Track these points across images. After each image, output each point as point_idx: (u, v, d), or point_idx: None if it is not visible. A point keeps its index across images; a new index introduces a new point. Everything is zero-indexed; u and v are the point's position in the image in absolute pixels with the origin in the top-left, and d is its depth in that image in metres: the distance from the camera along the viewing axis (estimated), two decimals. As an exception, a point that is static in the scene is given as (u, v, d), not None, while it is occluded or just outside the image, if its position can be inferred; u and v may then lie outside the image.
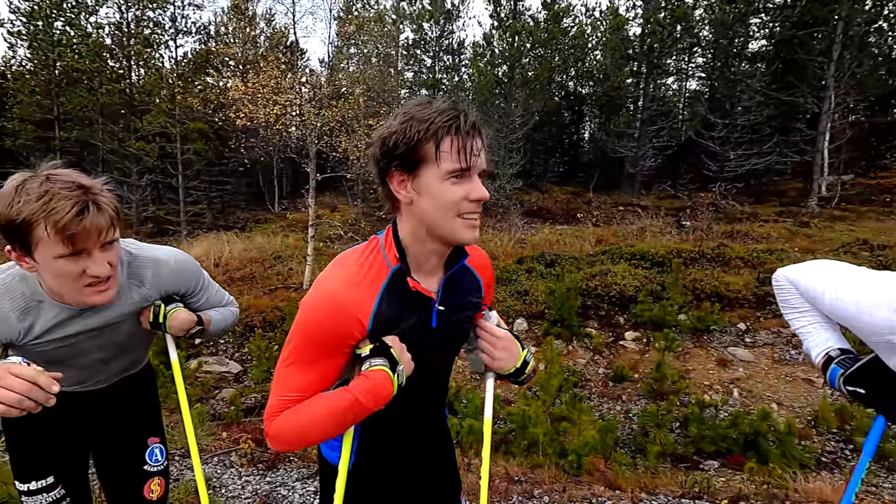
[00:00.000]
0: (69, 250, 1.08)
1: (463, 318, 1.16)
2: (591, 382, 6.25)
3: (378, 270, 1.03)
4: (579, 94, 23.93)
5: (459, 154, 0.94)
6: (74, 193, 1.07)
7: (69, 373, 1.44)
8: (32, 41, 18.42)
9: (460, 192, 0.96)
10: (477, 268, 1.20)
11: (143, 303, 1.37)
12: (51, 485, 1.53)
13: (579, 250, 9.76)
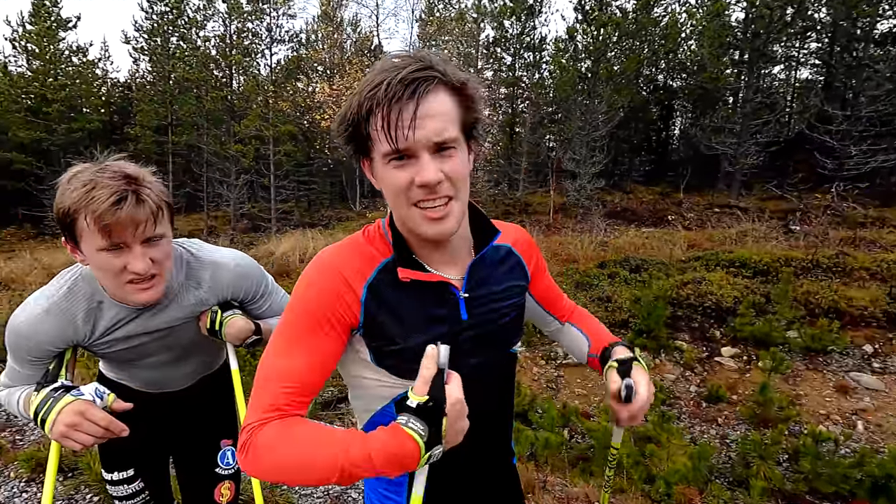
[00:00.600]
0: (108, 243, 1.05)
1: (505, 308, 0.99)
2: (682, 401, 5.71)
3: (370, 258, 0.90)
4: (670, 88, 22.41)
5: (388, 131, 0.76)
6: (117, 183, 1.04)
7: (139, 373, 1.46)
8: (152, 55, 20.59)
9: (404, 177, 0.79)
10: (516, 244, 1.05)
11: (201, 306, 1.34)
12: (131, 477, 1.58)
13: (668, 255, 9.04)
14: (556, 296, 1.19)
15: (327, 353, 0.86)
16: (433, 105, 0.77)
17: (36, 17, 20.80)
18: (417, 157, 0.78)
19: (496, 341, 0.98)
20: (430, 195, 0.79)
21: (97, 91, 23.58)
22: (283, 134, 17.15)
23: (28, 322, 1.15)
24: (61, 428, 1.04)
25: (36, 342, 1.16)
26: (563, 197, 15.99)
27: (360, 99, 0.78)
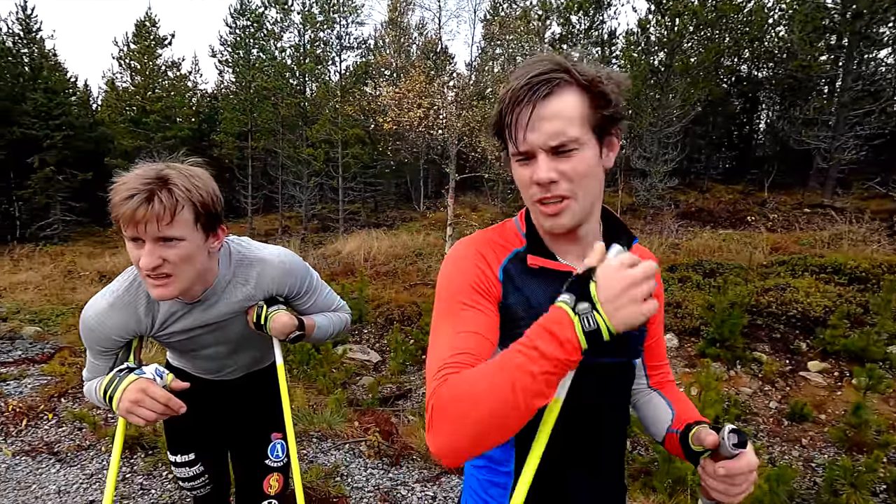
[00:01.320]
0: (127, 234, 1.12)
1: None
2: (760, 418, 5.26)
3: (503, 247, 0.95)
4: (754, 79, 20.76)
5: (510, 133, 0.84)
6: (138, 182, 1.09)
7: (198, 362, 1.55)
8: (235, 66, 22.12)
9: (526, 175, 0.85)
10: None
11: (247, 302, 1.39)
12: (192, 460, 1.68)
13: (748, 259, 8.36)
14: (660, 351, 1.12)
15: (484, 320, 0.84)
16: (552, 107, 0.80)
17: (138, 36, 23.04)
18: (535, 158, 0.83)
19: (621, 347, 0.96)
20: (545, 193, 0.83)
21: (188, 102, 25.70)
22: (350, 137, 17.80)
23: (96, 316, 1.26)
24: (126, 404, 1.13)
25: (103, 334, 1.27)
26: (633, 197, 15.29)
27: (498, 101, 0.86)
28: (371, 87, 19.76)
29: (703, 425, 0.91)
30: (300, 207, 19.61)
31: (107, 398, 1.18)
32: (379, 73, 22.97)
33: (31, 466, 3.17)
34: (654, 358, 1.11)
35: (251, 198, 21.22)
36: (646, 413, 1.10)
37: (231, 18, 21.71)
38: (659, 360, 1.12)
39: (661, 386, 1.12)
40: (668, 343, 6.44)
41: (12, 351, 5.99)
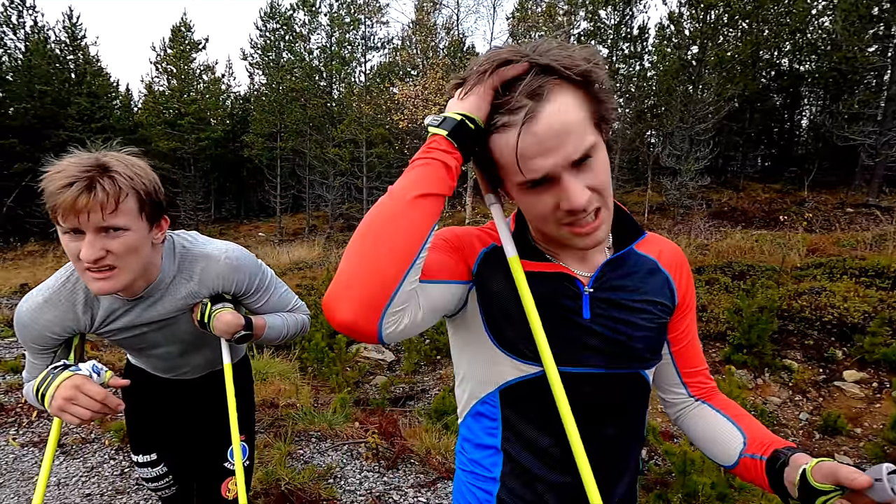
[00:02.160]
0: (64, 226, 1.05)
1: (640, 322, 0.85)
2: (788, 429, 4.94)
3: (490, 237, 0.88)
4: (795, 72, 19.79)
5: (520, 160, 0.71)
6: (77, 170, 1.03)
7: (152, 361, 1.50)
8: (265, 69, 22.62)
9: (549, 203, 0.76)
10: (664, 261, 0.91)
11: (192, 299, 1.32)
12: (154, 461, 1.64)
13: (781, 261, 7.92)
14: (695, 354, 0.97)
15: (444, 259, 0.81)
16: (559, 116, 0.68)
17: (174, 41, 23.85)
18: (558, 178, 0.70)
19: (623, 353, 0.84)
20: (579, 217, 0.73)
21: (222, 104, 26.46)
22: (374, 137, 17.92)
23: (28, 312, 1.20)
24: (59, 402, 1.06)
25: (37, 331, 1.21)
26: (662, 196, 14.80)
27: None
28: (399, 87, 19.92)
29: (822, 459, 0.72)
30: (327, 207, 19.88)
31: (40, 396, 1.13)
32: (405, 72, 23.08)
33: (36, 458, 3.24)
34: (688, 363, 0.97)
35: (279, 197, 21.63)
36: (699, 432, 0.95)
37: (261, 21, 22.20)
38: (695, 366, 0.97)
39: (709, 396, 0.97)
40: (691, 348, 6.16)
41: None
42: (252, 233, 22.49)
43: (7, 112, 21.95)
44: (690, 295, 0.93)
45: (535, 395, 0.83)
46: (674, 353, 0.95)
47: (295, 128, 21.23)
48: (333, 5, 21.02)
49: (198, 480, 1.65)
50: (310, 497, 2.82)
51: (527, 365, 0.82)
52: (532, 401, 0.84)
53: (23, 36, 22.87)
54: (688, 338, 0.95)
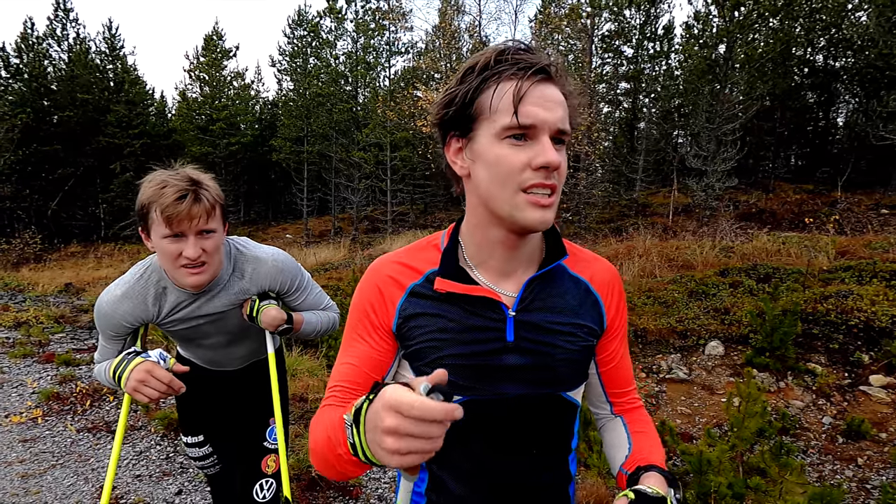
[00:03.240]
0: (170, 231, 1.27)
1: (565, 344, 0.85)
2: (811, 433, 4.91)
3: (425, 261, 0.88)
4: (830, 70, 19.20)
5: (517, 103, 0.72)
6: (182, 184, 1.27)
7: (200, 351, 1.71)
8: (292, 74, 23.18)
9: (521, 158, 0.74)
10: (596, 283, 0.91)
11: (243, 295, 1.53)
12: (201, 442, 1.85)
13: (809, 264, 7.80)
14: (622, 376, 0.99)
15: (370, 353, 0.85)
16: (555, 91, 0.75)
17: (206, 49, 24.69)
18: (537, 139, 0.74)
19: (545, 378, 0.85)
20: (545, 180, 0.74)
21: (252, 109, 27.25)
22: (398, 140, 18.22)
23: (109, 304, 1.41)
24: (133, 383, 1.27)
25: (115, 320, 1.42)
26: (688, 197, 14.61)
27: (480, 68, 0.75)
28: (423, 91, 20.16)
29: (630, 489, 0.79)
30: (352, 209, 20.27)
31: (116, 377, 1.33)
32: (429, 76, 23.35)
33: (90, 442, 3.54)
34: (615, 384, 0.98)
35: (306, 200, 22.15)
36: (606, 440, 1.01)
37: (289, 29, 22.78)
38: (622, 387, 0.99)
39: (626, 412, 1.00)
40: (712, 351, 6.15)
41: (89, 339, 6.64)
42: (279, 234, 23.08)
43: (52, 120, 23.11)
44: (621, 317, 0.94)
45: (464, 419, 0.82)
46: (601, 374, 0.96)
47: (321, 132, 21.71)
48: (359, 12, 21.46)
49: (240, 458, 1.85)
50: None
51: None
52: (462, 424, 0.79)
53: (66, 47, 24.04)
54: (616, 359, 0.95)
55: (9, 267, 15.67)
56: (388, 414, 0.53)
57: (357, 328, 0.87)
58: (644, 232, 10.93)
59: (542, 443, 0.89)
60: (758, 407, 4.60)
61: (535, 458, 0.89)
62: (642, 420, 0.99)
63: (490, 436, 0.85)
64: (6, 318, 7.43)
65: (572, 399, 0.90)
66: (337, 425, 0.71)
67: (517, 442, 0.87)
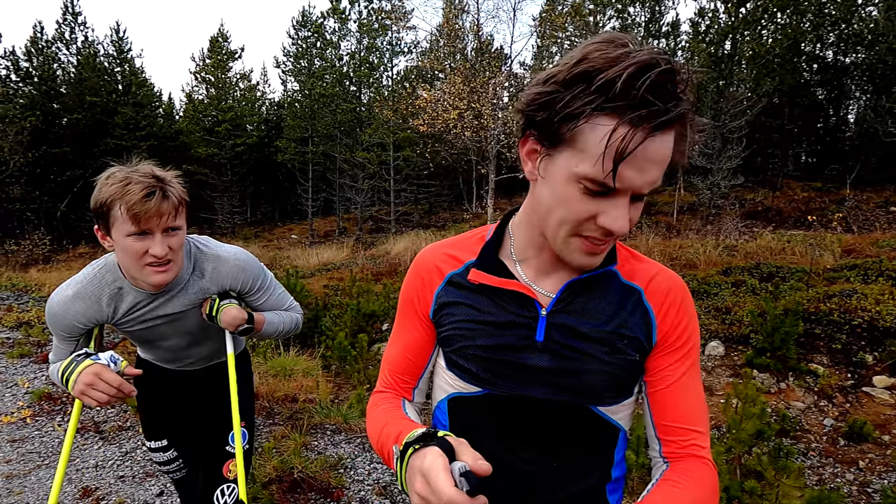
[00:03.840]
0: (136, 229, 1.24)
1: (600, 354, 0.78)
2: (812, 435, 4.80)
3: (468, 251, 0.88)
4: (840, 66, 18.90)
5: (614, 157, 0.61)
6: (148, 180, 1.24)
7: (158, 353, 1.67)
8: (297, 75, 23.26)
9: (589, 209, 0.67)
10: (650, 292, 0.81)
11: (202, 295, 1.49)
12: (165, 446, 1.80)
13: (813, 262, 7.66)
14: (678, 406, 0.79)
15: (413, 338, 0.92)
16: (663, 147, 0.63)
17: (212, 51, 24.85)
18: (615, 197, 0.65)
19: (572, 386, 0.78)
20: (604, 236, 0.69)
21: (257, 110, 27.40)
22: (401, 140, 18.21)
23: (59, 304, 1.37)
24: (80, 386, 1.23)
25: (67, 321, 1.38)
26: (694, 196, 14.46)
27: (598, 87, 0.60)
28: (427, 90, 20.18)
29: None
30: (356, 209, 20.30)
31: (63, 380, 1.29)
32: (433, 76, 23.32)
33: (78, 442, 3.54)
34: (667, 415, 0.80)
35: (311, 200, 22.22)
36: None
37: (293, 30, 22.87)
38: (677, 421, 0.79)
39: (678, 459, 0.78)
40: (712, 351, 6.04)
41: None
42: (285, 235, 23.18)
43: (61, 122, 23.40)
44: (681, 334, 0.80)
45: (478, 412, 0.85)
46: (649, 398, 0.82)
47: (325, 132, 21.77)
48: (363, 12, 21.49)
49: (203, 462, 1.82)
50: (320, 484, 2.99)
51: (469, 385, 0.85)
52: (475, 417, 0.85)
53: (75, 51, 24.33)
54: (668, 382, 0.79)
55: (17, 268, 15.87)
56: (420, 482, 0.60)
57: (403, 314, 0.93)
58: (647, 231, 10.81)
59: (564, 456, 0.82)
60: (756, 408, 4.51)
61: (554, 470, 0.82)
62: (690, 472, 0.75)
63: (506, 435, 0.82)
64: (9, 319, 7.50)
65: (608, 418, 0.81)
66: (389, 436, 0.78)
67: (533, 447, 0.82)
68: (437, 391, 0.93)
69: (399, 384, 0.94)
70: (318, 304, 8.64)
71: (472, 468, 0.59)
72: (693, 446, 0.78)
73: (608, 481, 0.85)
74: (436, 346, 0.92)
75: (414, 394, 0.95)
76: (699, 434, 0.78)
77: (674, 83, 0.60)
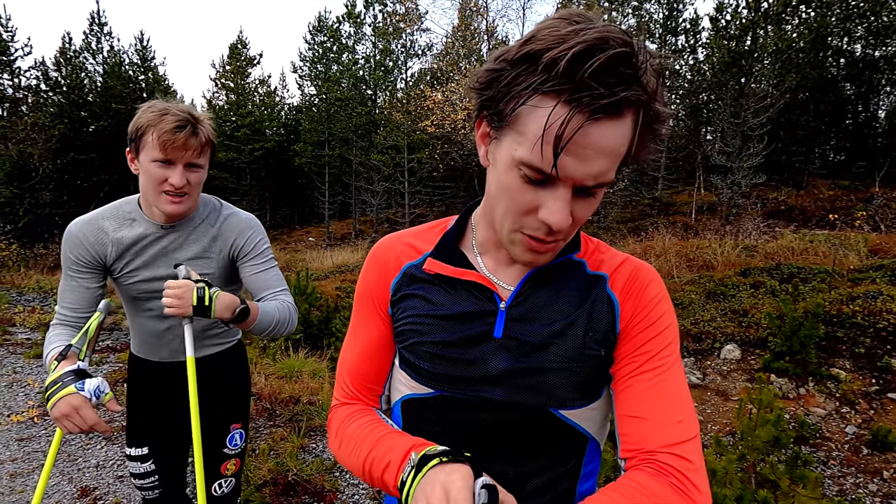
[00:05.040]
0: (162, 157, 1.32)
1: (561, 350, 0.71)
2: (832, 444, 4.60)
3: (428, 241, 0.83)
4: (869, 60, 18.24)
5: (551, 145, 0.56)
6: (183, 115, 1.33)
7: (148, 323, 1.58)
8: (314, 80, 23.54)
9: (529, 200, 0.62)
10: (614, 280, 0.75)
11: (212, 243, 1.51)
12: (145, 455, 1.70)
13: (837, 263, 7.37)
14: (647, 405, 0.69)
15: (373, 337, 0.84)
16: (610, 136, 0.57)
17: (231, 58, 25.34)
18: (555, 187, 0.60)
19: (532, 385, 0.71)
20: (546, 236, 0.64)
21: (276, 115, 27.82)
22: (415, 142, 18.25)
23: (76, 224, 1.44)
24: (57, 412, 1.21)
25: (76, 241, 1.42)
26: (714, 195, 14.10)
27: (544, 66, 0.55)
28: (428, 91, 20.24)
29: None
30: (372, 212, 20.41)
31: (46, 396, 1.24)
32: (449, 78, 23.36)
33: (82, 442, 3.59)
34: (626, 406, 0.71)
35: (328, 203, 22.43)
36: None
37: (310, 35, 23.15)
38: (637, 412, 0.69)
39: (636, 469, 0.67)
40: (728, 355, 5.85)
41: (104, 340, 6.82)
42: (303, 238, 23.44)
43: (88, 130, 24.13)
44: (647, 318, 0.72)
45: (431, 415, 0.78)
46: (614, 390, 0.73)
47: (341, 135, 21.97)
48: (377, 16, 21.64)
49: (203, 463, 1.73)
50: (314, 488, 2.96)
51: (421, 385, 0.78)
52: (427, 421, 0.78)
53: (101, 60, 25.07)
54: (633, 370, 0.71)
55: (46, 271, 16.38)
56: (439, 494, 0.56)
57: (360, 311, 0.86)
58: (664, 231, 10.57)
59: (525, 466, 0.73)
60: (772, 414, 4.33)
61: (513, 482, 0.73)
62: (638, 483, 0.64)
63: (459, 442, 0.73)
64: (31, 320, 7.72)
65: (574, 424, 0.73)
66: (387, 452, 0.70)
67: (490, 456, 0.73)
68: (394, 392, 0.85)
69: (364, 393, 0.84)
70: (330, 306, 8.68)
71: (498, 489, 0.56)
72: (667, 455, 0.65)
73: (574, 497, 0.77)
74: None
75: (381, 400, 0.86)
76: (674, 444, 0.66)
77: (629, 66, 0.54)
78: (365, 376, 0.84)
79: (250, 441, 3.55)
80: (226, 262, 1.57)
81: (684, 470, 0.64)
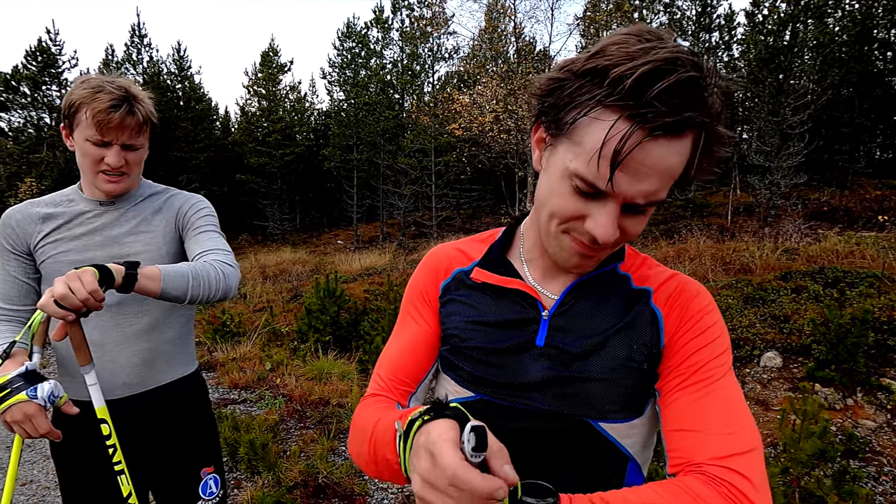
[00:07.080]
0: (97, 136, 1.26)
1: (602, 361, 0.70)
2: (884, 458, 4.34)
3: (477, 251, 0.84)
4: (919, 52, 17.29)
5: (608, 160, 0.56)
6: (118, 93, 1.25)
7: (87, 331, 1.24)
8: (342, 85, 23.91)
9: (578, 208, 0.63)
10: (658, 294, 0.74)
11: (155, 214, 1.41)
12: None
13: (887, 266, 6.99)
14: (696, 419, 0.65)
15: (417, 333, 0.84)
16: (667, 157, 0.57)
17: (263, 65, 25.98)
18: (605, 201, 0.61)
19: (571, 395, 0.70)
20: (592, 244, 0.65)
21: (306, 120, 28.36)
22: (442, 145, 18.29)
23: (12, 209, 1.38)
24: (9, 418, 1.13)
25: (10, 225, 1.34)
26: (751, 196, 13.62)
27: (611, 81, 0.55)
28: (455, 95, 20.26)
29: None
30: (399, 215, 20.56)
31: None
32: (476, 80, 23.35)
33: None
34: (673, 420, 0.67)
35: (356, 206, 22.71)
36: None
37: (339, 41, 23.54)
38: (685, 425, 0.66)
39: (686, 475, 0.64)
40: (768, 362, 5.61)
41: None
42: (332, 240, 23.79)
43: (128, 137, 25.11)
44: (694, 330, 0.70)
45: None
46: (661, 410, 0.70)
47: (369, 140, 22.22)
48: (405, 21, 21.84)
49: None
50: (344, 491, 2.97)
51: (463, 389, 0.78)
52: None
53: (141, 70, 26.09)
54: (680, 382, 0.68)
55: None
56: (425, 460, 0.50)
57: (407, 310, 0.87)
58: (698, 233, 10.26)
59: (562, 480, 0.68)
60: (817, 426, 4.12)
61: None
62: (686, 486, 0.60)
63: None
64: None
65: (615, 440, 0.70)
66: (387, 428, 0.67)
67: (527, 466, 0.67)
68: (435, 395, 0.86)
69: (394, 386, 0.81)
70: (359, 309, 8.76)
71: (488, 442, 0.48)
72: (717, 468, 0.60)
73: None
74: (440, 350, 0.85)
75: (410, 401, 0.83)
76: (717, 439, 0.62)
77: (696, 87, 0.54)
78: (400, 369, 0.83)
79: (284, 443, 3.59)
80: (171, 237, 1.42)
81: (738, 485, 0.59)
